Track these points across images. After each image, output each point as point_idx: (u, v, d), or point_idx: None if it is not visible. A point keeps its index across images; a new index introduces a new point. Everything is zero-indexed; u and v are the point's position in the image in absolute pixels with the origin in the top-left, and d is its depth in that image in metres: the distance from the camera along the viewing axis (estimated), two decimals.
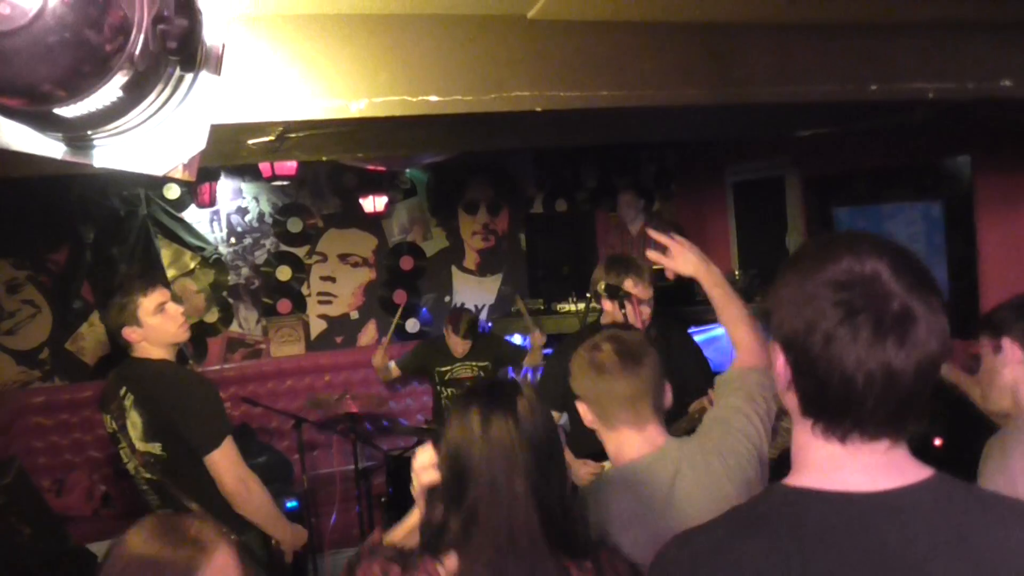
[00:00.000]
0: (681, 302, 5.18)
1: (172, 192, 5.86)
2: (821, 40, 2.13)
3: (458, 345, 5.15)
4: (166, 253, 5.92)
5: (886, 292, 1.00)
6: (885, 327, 0.99)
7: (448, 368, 5.21)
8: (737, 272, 6.35)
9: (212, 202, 5.93)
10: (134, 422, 2.73)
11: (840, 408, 1.03)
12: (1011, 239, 4.38)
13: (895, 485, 1.04)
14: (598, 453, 3.18)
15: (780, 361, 1.09)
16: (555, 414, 3.34)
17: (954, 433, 4.12)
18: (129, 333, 2.74)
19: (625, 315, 3.08)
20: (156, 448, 2.71)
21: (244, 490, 2.67)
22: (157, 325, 2.74)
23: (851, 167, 5.40)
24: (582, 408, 1.98)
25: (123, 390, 2.76)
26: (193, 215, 5.98)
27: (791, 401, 1.10)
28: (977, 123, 4.09)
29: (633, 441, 1.91)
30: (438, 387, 5.26)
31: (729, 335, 2.08)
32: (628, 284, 3.14)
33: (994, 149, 4.42)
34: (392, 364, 5.38)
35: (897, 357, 0.99)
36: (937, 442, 4.19)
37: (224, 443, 2.63)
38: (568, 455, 3.17)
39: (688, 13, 2.00)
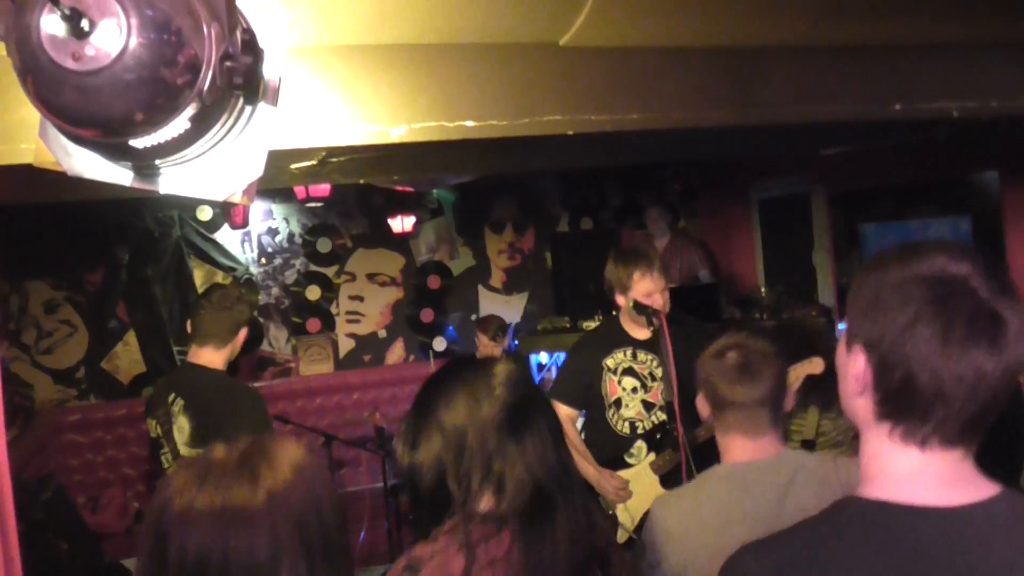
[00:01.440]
0: (709, 319, 5.20)
1: (205, 214, 5.99)
2: (844, 61, 2.18)
3: (488, 351, 5.19)
4: (198, 273, 6.05)
5: (978, 294, 1.00)
6: (978, 327, 0.99)
7: None
8: (764, 289, 6.37)
9: (244, 223, 6.06)
10: (181, 427, 2.82)
11: (925, 409, 1.02)
12: None
13: (970, 500, 1.03)
14: (614, 459, 3.22)
15: (860, 363, 1.06)
16: (572, 411, 3.39)
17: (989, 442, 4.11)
18: (243, 334, 2.95)
19: (654, 331, 3.11)
20: None
21: None
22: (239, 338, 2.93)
23: (877, 183, 5.41)
24: (702, 404, 1.97)
25: (172, 396, 2.86)
26: (225, 236, 6.11)
27: (862, 407, 1.08)
28: (1005, 139, 4.10)
29: (744, 447, 1.89)
30: None
31: None
32: (636, 276, 3.18)
33: (1022, 164, 4.43)
34: None
35: (988, 359, 0.99)
36: None
37: None
38: (592, 468, 3.20)
39: (714, 38, 2.07)
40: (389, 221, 6.28)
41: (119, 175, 1.25)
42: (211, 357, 2.88)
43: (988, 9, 2.13)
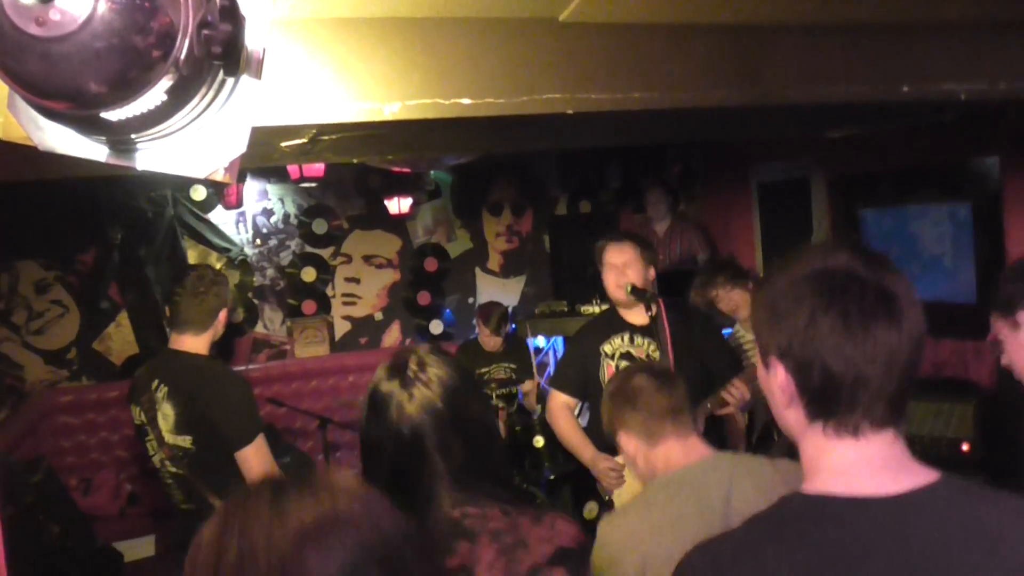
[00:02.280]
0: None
1: (199, 193, 5.91)
2: (852, 41, 2.11)
3: (489, 340, 5.15)
4: (192, 254, 5.98)
5: (862, 277, 1.05)
6: (872, 305, 1.03)
7: (486, 370, 5.22)
8: (763, 273, 6.32)
9: (238, 203, 5.99)
10: (166, 414, 2.76)
11: (851, 396, 1.05)
12: None
13: (908, 488, 1.05)
14: (613, 445, 3.19)
15: (780, 374, 1.10)
16: (570, 399, 3.42)
17: (986, 437, 4.08)
18: (223, 316, 2.87)
19: (652, 318, 3.07)
20: (186, 442, 2.74)
21: None
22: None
23: (877, 168, 5.35)
24: (626, 441, 2.10)
25: (156, 382, 2.80)
26: (219, 216, 6.04)
27: (794, 417, 1.12)
28: (1006, 124, 4.04)
29: (679, 450, 2.00)
30: None
31: None
32: (605, 248, 3.25)
33: (1023, 150, 4.36)
34: None
35: (891, 332, 1.03)
36: (965, 447, 4.15)
37: (257, 439, 2.67)
38: (588, 451, 3.22)
39: (718, 15, 2.00)
40: (386, 202, 6.20)
41: (93, 150, 1.19)
42: (193, 343, 2.82)
43: None
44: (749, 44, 2.04)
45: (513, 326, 6.33)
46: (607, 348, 3.31)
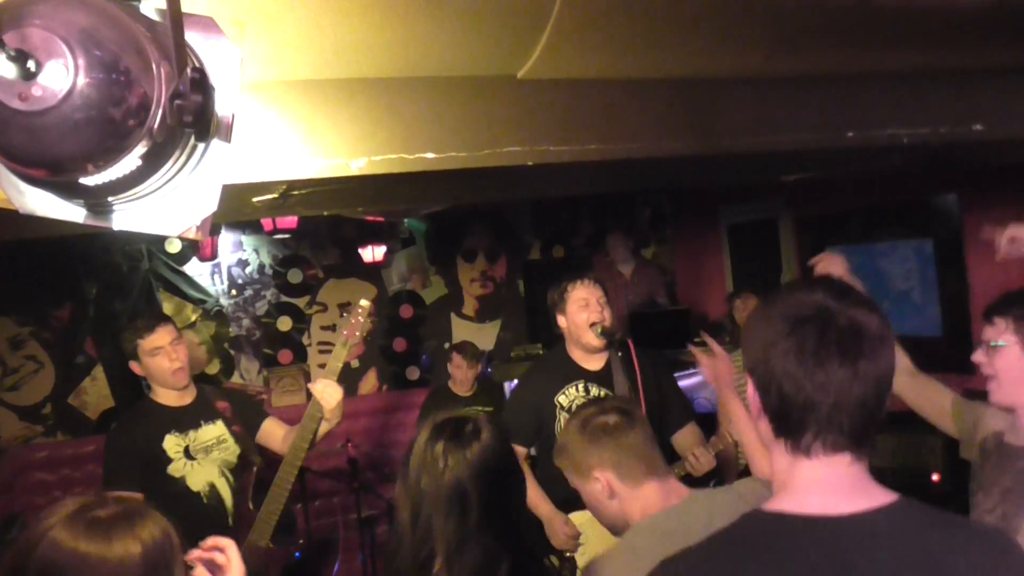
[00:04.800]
0: (676, 344, 5.23)
1: (174, 246, 5.95)
2: (797, 91, 2.23)
3: (466, 375, 5.11)
4: (168, 306, 6.00)
5: (832, 310, 1.12)
6: (829, 341, 1.10)
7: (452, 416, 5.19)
8: (733, 314, 6.42)
9: (213, 255, 6.03)
10: None
11: (799, 419, 1.13)
12: (1000, 274, 4.45)
13: (862, 508, 1.10)
14: (568, 498, 3.06)
15: (750, 389, 1.19)
16: (523, 450, 3.23)
17: (951, 468, 4.15)
18: (134, 366, 3.02)
19: (619, 360, 3.08)
20: None
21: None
22: (152, 366, 2.96)
23: (843, 207, 5.50)
24: (602, 478, 1.96)
25: None
26: (195, 268, 6.08)
27: (764, 429, 1.20)
28: (961, 162, 4.20)
29: (658, 493, 1.93)
30: None
31: None
32: (569, 288, 3.15)
33: (980, 186, 4.52)
34: None
35: (842, 369, 1.10)
36: (935, 477, 4.22)
37: None
38: (545, 507, 3.05)
39: (670, 70, 2.11)
40: (360, 251, 6.27)
41: (72, 212, 1.25)
42: (158, 388, 3.11)
43: (933, 39, 2.19)
44: (699, 97, 2.14)
45: (489, 370, 6.37)
46: (563, 399, 3.14)
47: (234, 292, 6.20)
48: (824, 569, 1.07)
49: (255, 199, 2.09)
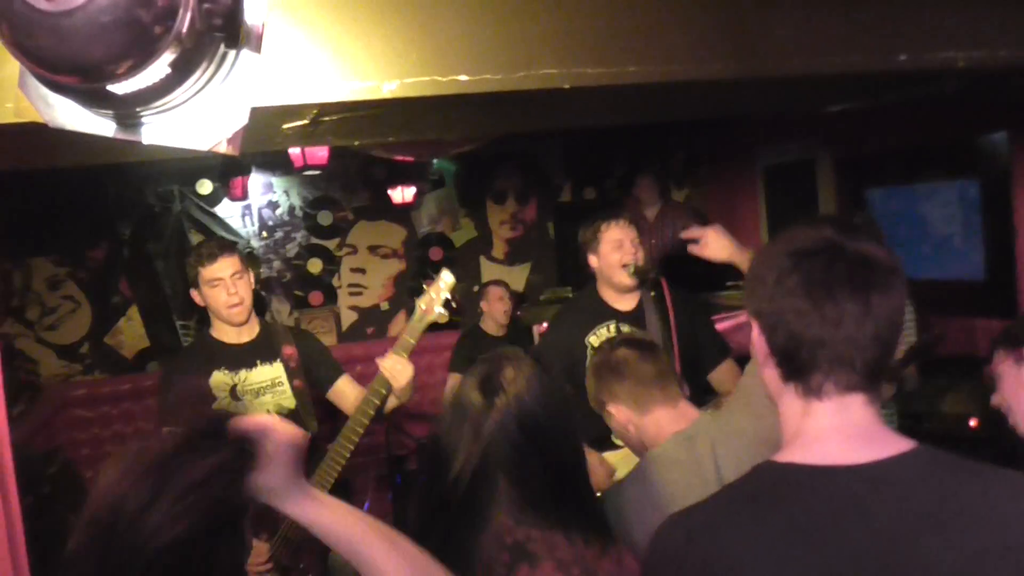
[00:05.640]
0: (710, 287, 5.16)
1: (205, 188, 5.97)
2: (847, 10, 2.12)
3: (500, 310, 5.07)
4: None
5: (838, 244, 1.07)
6: (840, 269, 1.05)
7: None
8: None
9: (244, 196, 6.04)
10: None
11: (808, 357, 1.08)
12: None
13: (877, 457, 1.06)
14: (600, 437, 3.09)
15: (755, 333, 1.14)
16: None
17: (990, 413, 4.09)
18: (195, 295, 2.98)
19: (652, 299, 3.05)
20: None
21: None
22: (210, 297, 2.90)
23: (884, 147, 5.34)
24: (616, 412, 2.09)
25: None
26: (225, 210, 6.09)
27: (771, 377, 1.15)
28: (1013, 97, 4.03)
29: (669, 416, 2.01)
30: None
31: None
32: (603, 227, 3.14)
33: None
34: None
35: (853, 302, 1.05)
36: (973, 423, 4.16)
37: None
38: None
39: None
40: (390, 192, 6.24)
41: (101, 125, 1.22)
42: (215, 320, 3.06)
43: None
44: (743, 16, 2.05)
45: (518, 312, 6.35)
46: (593, 340, 3.12)
47: (264, 234, 6.22)
48: (842, 520, 1.02)
49: (285, 126, 2.05)
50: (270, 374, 2.95)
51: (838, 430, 1.08)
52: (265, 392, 2.93)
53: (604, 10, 1.92)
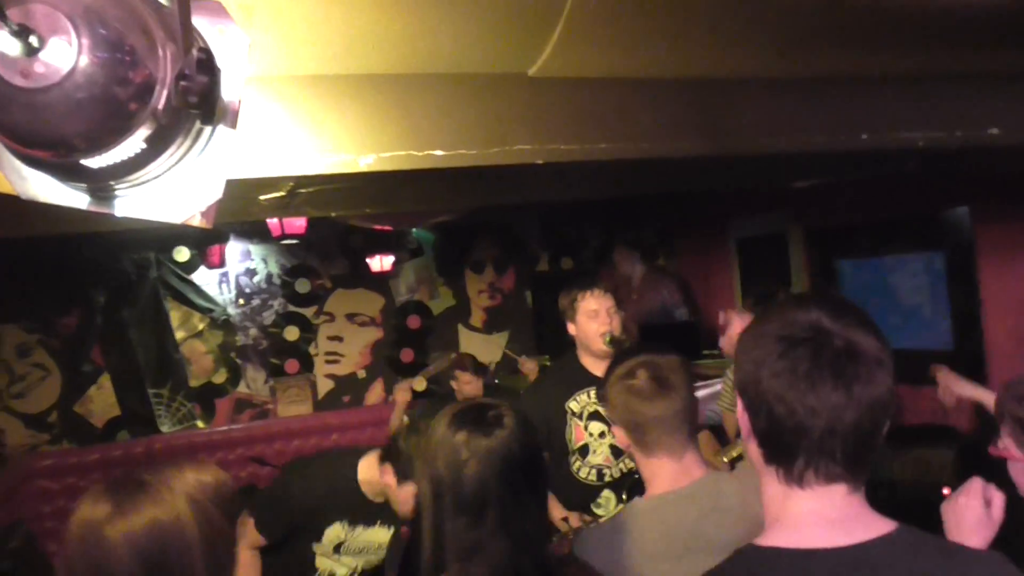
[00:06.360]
0: (686, 355, 5.16)
1: (182, 255, 5.96)
2: (811, 92, 2.21)
3: (472, 387, 5.07)
4: (175, 315, 5.99)
5: (827, 331, 1.06)
6: (824, 360, 1.05)
7: None
8: None
9: (221, 263, 6.03)
10: None
11: (790, 444, 1.08)
12: (1013, 288, 4.41)
13: (858, 540, 1.06)
14: (582, 504, 3.03)
15: (739, 408, 1.14)
16: None
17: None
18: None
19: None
20: None
21: None
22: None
23: (853, 220, 5.46)
24: (618, 434, 1.95)
25: None
26: (202, 277, 6.07)
27: (754, 452, 1.14)
28: (973, 174, 4.16)
29: (670, 470, 1.87)
30: None
31: None
32: (578, 296, 3.16)
33: (992, 199, 4.48)
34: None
35: (836, 392, 1.04)
36: (946, 491, 4.15)
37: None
38: (557, 511, 2.99)
39: (681, 69, 2.09)
40: (368, 261, 6.26)
41: (74, 198, 1.23)
42: None
43: (950, 42, 2.17)
44: (712, 97, 2.12)
45: (495, 381, 6.32)
46: (573, 406, 3.14)
47: (241, 301, 6.20)
48: None
49: (262, 197, 2.07)
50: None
51: (819, 515, 1.08)
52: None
53: (578, 89, 1.99)
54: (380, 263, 6.24)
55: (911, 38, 2.13)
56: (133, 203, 1.23)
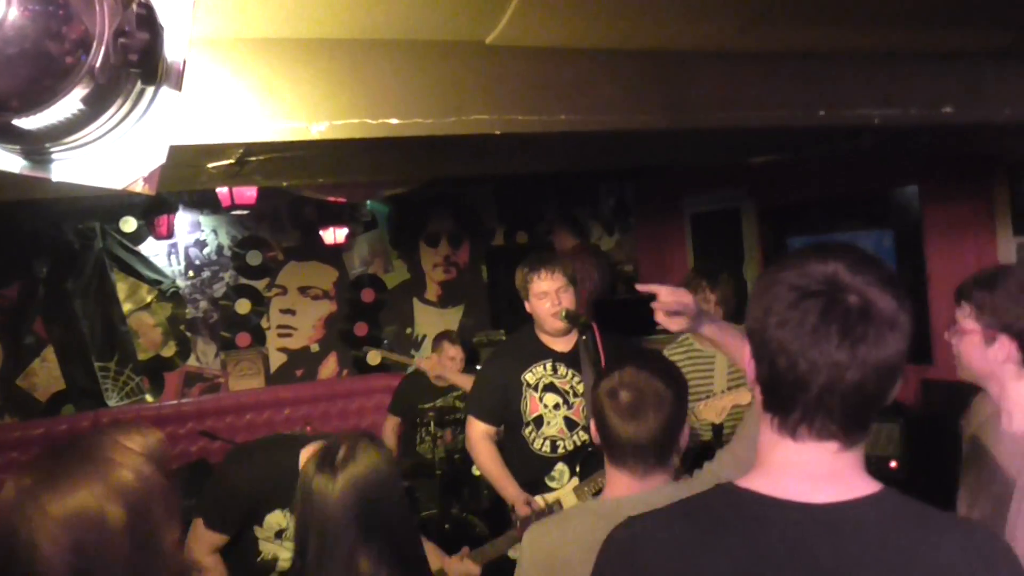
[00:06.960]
0: (642, 331, 5.19)
1: (129, 225, 5.80)
2: (770, 67, 2.20)
3: (457, 359, 4.97)
4: (122, 287, 5.84)
5: (842, 285, 1.03)
6: (833, 316, 1.02)
7: (431, 404, 4.98)
8: None
9: (170, 234, 5.88)
10: None
11: (788, 396, 1.06)
12: (958, 267, 4.51)
13: (837, 499, 1.05)
14: (534, 482, 3.09)
15: (746, 352, 1.12)
16: (490, 428, 3.24)
17: (912, 456, 4.20)
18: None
19: (582, 344, 3.03)
20: None
21: None
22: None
23: (805, 197, 5.53)
24: (593, 431, 1.92)
25: None
26: (150, 248, 5.93)
27: (757, 397, 1.13)
28: (923, 152, 4.22)
29: (628, 484, 1.83)
30: (418, 425, 4.86)
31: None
32: (531, 277, 3.15)
33: (940, 179, 4.57)
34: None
35: (840, 350, 1.01)
36: (893, 464, 4.26)
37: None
38: (511, 489, 3.05)
39: (641, 41, 2.06)
40: (321, 233, 6.17)
41: (8, 161, 1.17)
42: None
43: (908, 19, 2.18)
44: (671, 70, 2.10)
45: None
46: (529, 377, 3.17)
47: (191, 273, 6.06)
48: (786, 557, 1.01)
49: (210, 165, 2.00)
50: None
51: (802, 468, 1.07)
52: None
53: (536, 59, 1.95)
54: (334, 235, 6.15)
55: (869, 16, 2.13)
56: (71, 167, 1.18)
